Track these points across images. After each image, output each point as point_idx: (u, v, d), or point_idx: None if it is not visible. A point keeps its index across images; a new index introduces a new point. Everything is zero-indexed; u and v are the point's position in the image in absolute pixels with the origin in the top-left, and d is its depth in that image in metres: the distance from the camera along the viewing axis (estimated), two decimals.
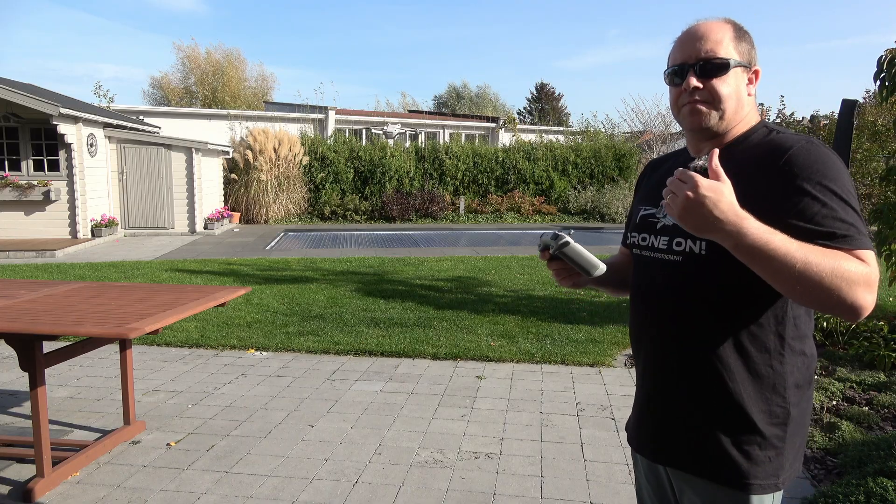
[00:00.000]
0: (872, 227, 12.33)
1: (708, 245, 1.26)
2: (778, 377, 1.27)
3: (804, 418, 1.32)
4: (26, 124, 11.68)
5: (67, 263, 9.42)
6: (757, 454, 1.26)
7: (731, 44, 1.31)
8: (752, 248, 1.11)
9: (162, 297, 3.27)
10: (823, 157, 1.21)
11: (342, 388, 4.31)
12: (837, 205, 1.17)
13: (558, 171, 19.27)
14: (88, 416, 3.80)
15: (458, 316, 6.22)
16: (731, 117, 1.32)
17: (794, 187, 1.19)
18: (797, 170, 1.20)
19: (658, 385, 1.38)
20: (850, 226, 1.15)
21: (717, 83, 1.29)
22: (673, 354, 1.34)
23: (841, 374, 4.42)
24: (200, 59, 34.32)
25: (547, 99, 43.84)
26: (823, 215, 1.16)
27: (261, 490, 2.92)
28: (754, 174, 1.24)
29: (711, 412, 1.29)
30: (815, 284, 1.09)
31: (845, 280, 1.09)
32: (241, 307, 6.49)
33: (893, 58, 4.87)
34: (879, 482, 2.75)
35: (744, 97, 1.32)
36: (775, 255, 1.09)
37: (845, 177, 1.20)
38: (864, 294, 1.10)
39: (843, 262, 1.10)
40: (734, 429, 1.27)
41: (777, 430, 1.27)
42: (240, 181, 15.95)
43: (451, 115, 27.92)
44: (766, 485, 1.27)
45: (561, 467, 3.16)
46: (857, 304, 1.10)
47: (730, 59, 1.29)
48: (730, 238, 1.12)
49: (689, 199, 1.11)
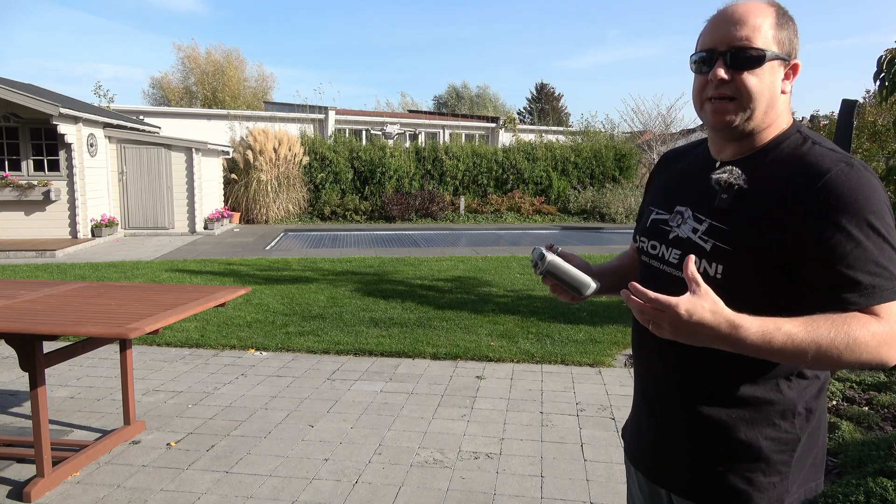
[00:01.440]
0: None
1: (725, 269, 1.15)
2: (787, 402, 1.18)
3: (816, 440, 1.24)
4: (26, 124, 11.68)
5: (67, 263, 9.42)
6: (761, 481, 1.19)
7: (770, 31, 1.14)
8: (756, 350, 1.02)
9: (162, 297, 3.27)
10: (865, 185, 1.07)
11: (342, 388, 4.31)
12: (874, 244, 1.05)
13: (558, 171, 19.27)
14: (88, 416, 3.80)
15: (458, 316, 6.22)
16: (761, 118, 1.16)
17: (828, 220, 1.06)
18: (833, 199, 1.06)
19: (658, 406, 1.30)
20: (883, 270, 1.05)
21: (749, 77, 1.13)
22: (676, 376, 1.25)
23: (841, 374, 4.42)
24: (200, 59, 34.34)
25: (547, 99, 43.85)
26: (855, 257, 1.04)
27: (261, 490, 2.92)
28: (783, 192, 1.11)
29: (715, 439, 1.21)
30: (834, 362, 1.03)
31: (864, 349, 1.02)
32: (241, 307, 6.49)
33: (893, 58, 4.87)
34: (879, 482, 2.75)
35: (777, 95, 1.16)
36: (783, 351, 1.02)
37: (887, 208, 1.07)
38: (887, 352, 1.03)
39: (858, 330, 1.01)
40: (739, 457, 1.19)
41: (784, 457, 1.19)
42: (240, 181, 15.95)
43: (451, 116, 27.92)
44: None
45: (561, 467, 3.16)
46: (882, 363, 1.04)
47: (766, 51, 1.13)
48: (728, 345, 1.03)
49: (678, 330, 1.01)
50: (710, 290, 1.01)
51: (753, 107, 1.15)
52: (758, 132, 1.19)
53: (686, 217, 1.24)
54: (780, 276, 1.11)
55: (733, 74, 1.14)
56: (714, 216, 1.18)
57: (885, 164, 7.97)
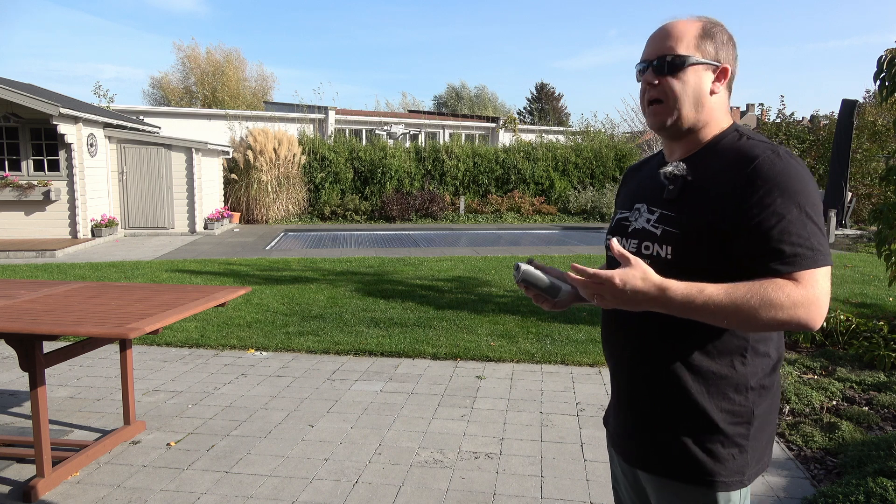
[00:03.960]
0: (872, 227, 12.23)
1: (674, 250, 1.29)
2: (740, 378, 1.29)
3: (770, 416, 1.34)
4: (26, 124, 11.68)
5: (67, 263, 9.42)
6: (720, 452, 1.29)
7: (693, 41, 1.30)
8: (682, 309, 1.18)
9: (162, 297, 3.27)
10: (790, 168, 1.22)
11: (342, 388, 4.31)
12: (796, 219, 1.19)
13: (558, 171, 19.26)
14: (88, 416, 3.80)
15: (458, 316, 6.22)
16: (689, 116, 1.32)
17: (756, 198, 1.21)
18: (760, 181, 1.21)
19: (626, 387, 1.41)
20: (804, 241, 1.18)
21: (672, 81, 1.30)
22: (638, 356, 1.36)
23: (841, 374, 4.42)
24: (200, 59, 34.35)
25: (547, 99, 43.86)
26: (779, 230, 1.19)
27: (261, 490, 2.92)
28: (720, 179, 1.26)
29: (675, 413, 1.31)
30: (753, 322, 1.16)
31: (779, 309, 1.15)
32: (241, 307, 6.49)
33: (893, 58, 4.87)
34: (879, 482, 2.75)
35: (703, 96, 1.31)
36: (704, 308, 1.17)
37: (809, 189, 1.22)
38: (804, 314, 1.15)
39: (773, 292, 1.15)
40: (697, 429, 1.30)
41: (740, 429, 1.29)
42: (240, 181, 15.95)
43: (451, 116, 27.91)
44: (731, 482, 1.29)
45: (561, 467, 3.16)
46: (800, 324, 1.16)
47: (687, 56, 1.29)
48: (660, 307, 1.19)
49: (617, 299, 1.19)
50: (640, 262, 1.19)
51: (679, 107, 1.31)
52: (696, 130, 1.34)
53: (642, 211, 1.40)
54: (720, 252, 1.25)
55: (660, 79, 1.31)
56: (664, 206, 1.34)
57: (885, 164, 7.96)
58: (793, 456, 3.28)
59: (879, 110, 16.75)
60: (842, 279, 8.27)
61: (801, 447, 3.37)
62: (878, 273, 8.65)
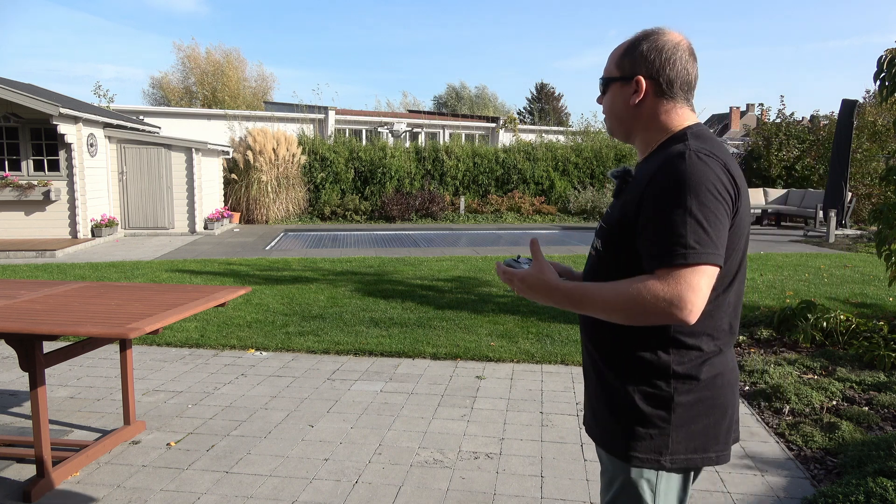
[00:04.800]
0: (872, 227, 12.25)
1: (603, 243, 1.45)
2: (662, 364, 1.38)
3: (704, 408, 1.40)
4: (26, 124, 11.68)
5: (67, 263, 9.42)
6: (638, 430, 1.39)
7: (615, 62, 1.46)
8: (569, 304, 1.37)
9: (162, 297, 3.27)
10: (686, 168, 1.28)
11: (342, 388, 4.31)
12: (677, 217, 1.25)
13: (559, 171, 19.26)
14: (88, 416, 3.80)
15: (458, 316, 6.22)
16: (621, 127, 1.49)
17: (650, 195, 1.31)
18: (657, 179, 1.30)
19: (583, 369, 1.58)
20: (677, 240, 1.24)
21: (604, 100, 1.50)
22: (585, 341, 1.54)
23: (841, 374, 4.42)
24: (200, 59, 34.37)
25: (547, 99, 43.86)
26: (655, 229, 1.28)
27: (261, 490, 2.92)
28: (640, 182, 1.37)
29: (605, 392, 1.46)
30: (629, 315, 1.27)
31: (644, 303, 1.24)
32: (241, 307, 6.49)
33: (893, 58, 4.87)
34: (879, 482, 2.75)
35: (621, 110, 1.46)
36: (582, 302, 1.34)
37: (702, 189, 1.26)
38: (668, 308, 1.23)
39: (635, 285, 1.26)
40: (623, 409, 1.42)
41: (660, 412, 1.38)
42: (240, 181, 15.94)
43: (451, 116, 27.91)
44: (645, 458, 1.38)
45: (561, 467, 3.16)
46: (671, 317, 1.23)
47: (607, 77, 1.47)
48: (554, 302, 1.39)
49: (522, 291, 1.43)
50: (545, 263, 1.42)
51: (610, 121, 1.51)
52: (635, 137, 1.49)
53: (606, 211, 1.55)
54: (632, 246, 1.36)
55: (600, 100, 1.53)
56: (609, 205, 1.51)
57: (885, 164, 7.95)
58: (793, 456, 3.28)
59: (879, 110, 16.75)
60: (842, 279, 8.26)
61: (801, 447, 3.37)
62: (878, 273, 8.64)
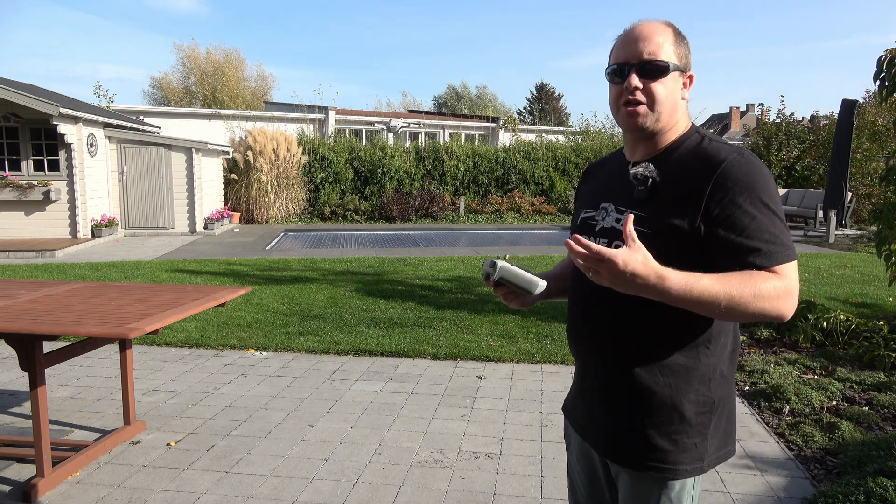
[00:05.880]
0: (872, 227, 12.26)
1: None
2: (705, 368, 1.34)
3: (729, 402, 1.40)
4: (26, 124, 11.68)
5: (67, 263, 9.42)
6: (684, 442, 1.34)
7: (671, 47, 1.36)
8: (678, 299, 1.20)
9: (162, 297, 3.27)
10: (756, 171, 1.28)
11: (342, 388, 4.31)
12: (766, 217, 1.26)
13: (559, 171, 19.26)
14: (88, 416, 3.80)
15: (458, 316, 6.22)
16: (667, 120, 1.38)
17: (728, 199, 1.26)
18: (731, 182, 1.27)
19: (596, 382, 1.44)
20: (776, 238, 1.25)
21: (656, 85, 1.35)
22: (609, 352, 1.40)
23: (841, 374, 4.42)
24: (200, 59, 34.37)
25: (547, 99, 43.86)
26: (753, 228, 1.25)
27: (261, 490, 2.92)
28: (689, 181, 1.31)
29: (646, 409, 1.36)
30: (742, 311, 1.21)
31: (767, 299, 1.21)
32: (241, 307, 6.49)
33: (893, 58, 4.87)
34: (879, 482, 2.75)
35: (678, 101, 1.38)
36: (700, 299, 1.19)
37: (773, 189, 1.29)
38: (784, 305, 1.23)
39: (762, 283, 1.21)
40: (667, 422, 1.34)
41: (704, 418, 1.35)
42: (240, 181, 15.94)
43: (451, 116, 27.90)
44: (692, 468, 1.35)
45: (561, 467, 3.16)
46: (780, 314, 1.23)
47: (670, 63, 1.35)
48: (654, 294, 1.20)
49: (614, 278, 1.17)
50: (642, 247, 1.18)
51: (661, 110, 1.36)
52: (663, 133, 1.39)
53: (609, 211, 1.44)
54: (688, 251, 1.29)
55: (644, 83, 1.35)
56: (634, 206, 1.37)
57: (885, 164, 7.95)
58: (793, 456, 3.28)
59: (879, 110, 16.75)
60: (842, 279, 8.26)
61: (801, 447, 3.37)
62: (878, 273, 8.64)
